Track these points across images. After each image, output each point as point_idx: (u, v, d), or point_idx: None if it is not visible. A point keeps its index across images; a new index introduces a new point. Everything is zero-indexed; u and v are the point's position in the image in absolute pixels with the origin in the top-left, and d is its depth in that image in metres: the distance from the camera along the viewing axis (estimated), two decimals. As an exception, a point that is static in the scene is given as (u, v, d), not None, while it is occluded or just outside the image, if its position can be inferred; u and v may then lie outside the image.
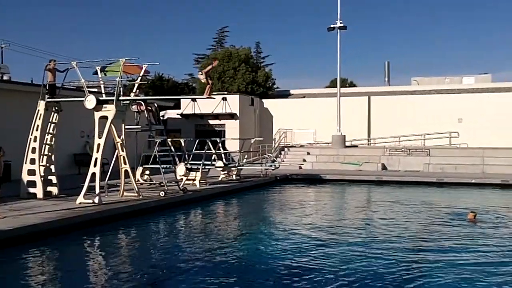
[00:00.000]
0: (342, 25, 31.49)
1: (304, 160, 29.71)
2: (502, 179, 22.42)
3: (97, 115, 14.63)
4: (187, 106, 34.03)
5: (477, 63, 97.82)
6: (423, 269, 8.85)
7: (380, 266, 9.01)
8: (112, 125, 14.58)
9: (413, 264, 9.20)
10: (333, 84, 46.17)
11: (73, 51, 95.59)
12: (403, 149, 29.38)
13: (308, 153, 30.83)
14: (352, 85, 57.42)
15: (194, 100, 33.26)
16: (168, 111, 35.99)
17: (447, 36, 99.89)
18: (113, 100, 14.48)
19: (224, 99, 33.23)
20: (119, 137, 15.22)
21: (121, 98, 14.93)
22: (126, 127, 15.65)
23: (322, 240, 11.20)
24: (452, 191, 20.99)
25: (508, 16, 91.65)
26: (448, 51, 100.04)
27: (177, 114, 35.20)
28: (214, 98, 15.60)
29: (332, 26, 31.79)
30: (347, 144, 32.21)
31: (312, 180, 24.32)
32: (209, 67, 14.94)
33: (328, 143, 32.97)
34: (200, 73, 14.34)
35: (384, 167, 27.86)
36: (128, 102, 15.46)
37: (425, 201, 17.92)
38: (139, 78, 16.09)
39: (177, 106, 35.79)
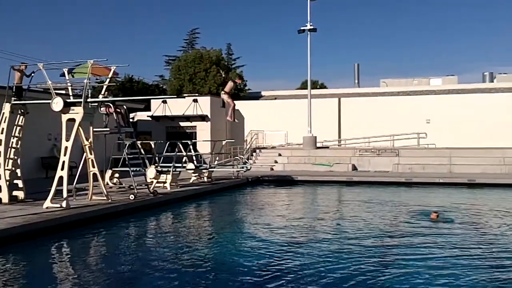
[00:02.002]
0: (312, 27, 31.77)
1: (276, 162, 29.79)
2: (468, 178, 22.96)
3: (65, 117, 14.31)
4: (158, 108, 33.88)
5: (444, 65, 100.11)
6: (390, 266, 9.04)
7: (350, 263, 9.17)
8: (80, 127, 14.32)
9: (381, 260, 9.40)
10: (304, 86, 46.48)
11: (40, 54, 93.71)
12: (372, 150, 29.80)
13: (280, 155, 30.95)
14: (322, 87, 57.96)
15: (164, 101, 33.12)
16: (138, 113, 35.62)
17: (415, 38, 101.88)
18: (80, 102, 14.22)
19: (195, 101, 33.16)
20: (87, 139, 14.96)
21: (89, 100, 14.69)
22: (95, 129, 15.39)
23: (293, 240, 11.26)
24: (420, 191, 21.38)
25: (473, 20, 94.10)
26: (416, 53, 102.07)
27: (147, 116, 34.89)
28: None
29: (302, 28, 32.05)
30: (318, 145, 32.49)
31: (284, 181, 24.42)
32: (232, 84, 14.12)
33: (299, 145, 33.18)
34: (223, 92, 13.69)
35: (354, 168, 28.18)
36: (96, 104, 15.21)
37: (394, 200, 18.20)
38: (108, 80, 15.86)
39: (147, 108, 35.47)
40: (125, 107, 16.64)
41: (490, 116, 32.52)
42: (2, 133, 14.81)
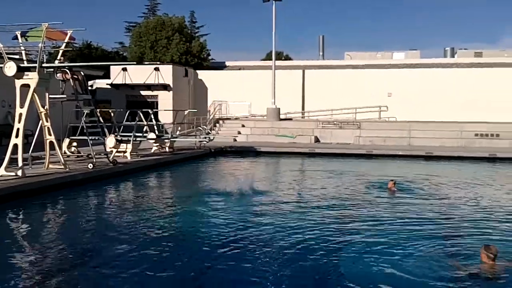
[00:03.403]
0: (277, -4, 31.34)
1: (239, 133, 29.70)
2: (426, 151, 23.51)
3: (18, 83, 13.77)
4: (117, 75, 32.98)
5: (407, 39, 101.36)
6: (348, 231, 9.37)
7: (310, 228, 9.41)
8: (35, 93, 13.78)
9: (339, 226, 9.72)
10: (269, 57, 46.14)
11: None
12: (335, 122, 30.06)
13: (243, 126, 30.83)
14: (287, 58, 57.75)
15: (124, 69, 32.26)
16: (97, 80, 34.62)
17: (379, 12, 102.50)
18: (35, 67, 13.65)
19: (157, 69, 32.47)
20: (43, 106, 14.42)
21: (44, 65, 14.11)
22: (50, 96, 14.86)
23: (256, 210, 11.27)
24: (380, 163, 21.75)
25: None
26: (380, 27, 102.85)
27: (107, 84, 33.96)
28: None
29: (267, -3, 31.57)
30: (282, 117, 32.54)
31: (247, 152, 24.38)
32: None
33: (263, 116, 33.11)
34: None
35: (317, 140, 28.39)
36: (52, 69, 14.63)
37: (354, 171, 18.46)
38: (64, 44, 15.25)
39: (106, 75, 34.50)
40: (82, 73, 16.08)
41: (450, 90, 33.17)
42: (-49, 98, 14.09)
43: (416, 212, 11.17)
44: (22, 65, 13.90)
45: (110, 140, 17.95)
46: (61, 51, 15.38)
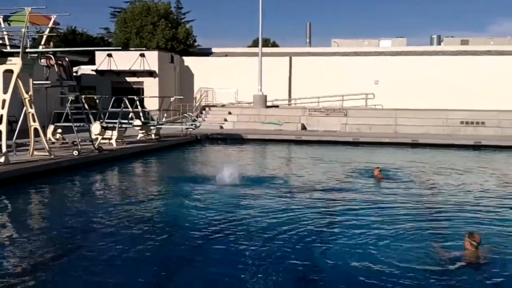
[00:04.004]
0: (264, -18, 31.09)
1: (226, 120, 29.59)
2: (412, 138, 23.67)
3: (1, 68, 13.60)
4: (103, 62, 32.52)
5: (394, 26, 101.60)
6: (334, 217, 9.48)
7: (297, 215, 9.48)
8: (18, 79, 13.58)
9: (326, 211, 9.82)
10: (255, 44, 45.93)
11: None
12: (322, 110, 30.09)
13: (230, 113, 30.73)
14: (274, 45, 57.52)
15: (109, 55, 31.84)
16: (82, 66, 34.16)
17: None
18: (18, 52, 13.43)
19: (142, 55, 32.07)
20: (27, 93, 14.21)
21: (28, 50, 13.87)
22: (35, 82, 14.63)
23: (242, 197, 11.25)
24: (366, 150, 21.85)
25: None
26: (367, 15, 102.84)
27: (92, 70, 33.51)
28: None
29: (254, -17, 31.34)
30: (268, 104, 32.47)
31: (233, 139, 24.33)
32: None
33: (249, 103, 33.02)
34: None
35: (303, 127, 28.42)
36: (36, 55, 14.39)
37: (340, 159, 18.54)
38: (48, 29, 14.98)
39: (91, 61, 34.02)
40: (67, 59, 15.86)
41: (436, 78, 33.32)
42: None
43: (401, 198, 11.25)
44: (5, 50, 13.68)
45: (96, 127, 17.78)
46: (45, 36, 15.12)
